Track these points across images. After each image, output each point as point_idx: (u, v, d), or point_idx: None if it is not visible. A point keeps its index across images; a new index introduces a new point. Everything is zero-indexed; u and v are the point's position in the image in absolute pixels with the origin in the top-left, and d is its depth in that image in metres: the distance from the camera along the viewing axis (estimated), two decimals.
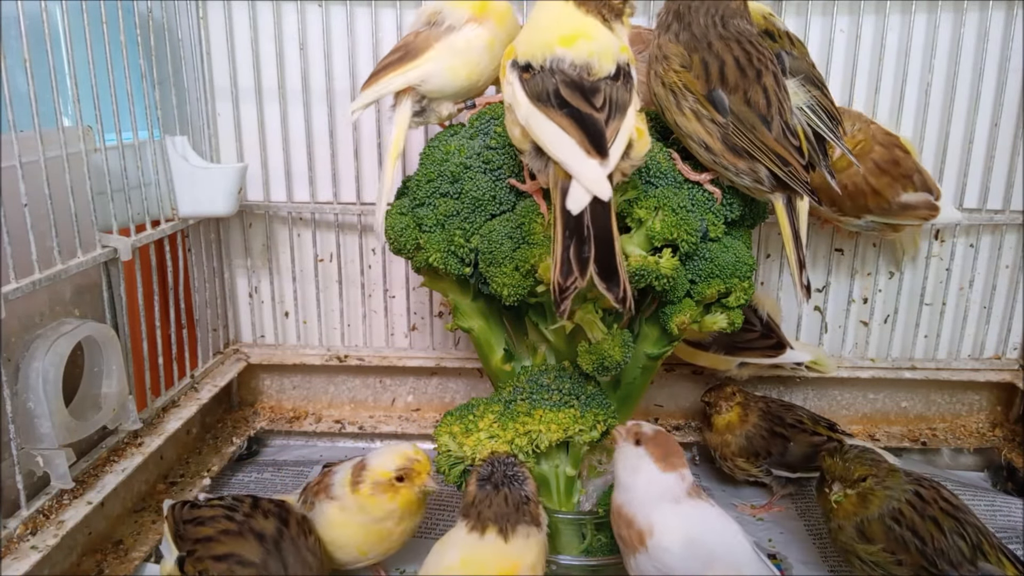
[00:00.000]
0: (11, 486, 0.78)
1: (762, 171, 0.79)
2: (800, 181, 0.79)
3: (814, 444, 1.00)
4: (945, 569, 0.76)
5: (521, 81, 0.70)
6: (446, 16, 0.84)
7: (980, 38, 1.09)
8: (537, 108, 0.68)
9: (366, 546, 0.82)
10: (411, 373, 1.27)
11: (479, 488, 0.73)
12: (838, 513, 0.80)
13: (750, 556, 0.72)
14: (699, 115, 0.78)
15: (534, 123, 0.68)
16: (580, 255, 0.64)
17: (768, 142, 0.77)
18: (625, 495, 0.75)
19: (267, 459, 1.17)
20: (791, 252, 0.82)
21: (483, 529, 0.70)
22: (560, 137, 0.67)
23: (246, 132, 1.17)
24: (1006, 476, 1.12)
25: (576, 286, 0.64)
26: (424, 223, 0.84)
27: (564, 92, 0.68)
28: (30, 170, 0.79)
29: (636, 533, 0.72)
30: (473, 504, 0.72)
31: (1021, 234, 1.17)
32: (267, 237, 1.22)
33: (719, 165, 0.80)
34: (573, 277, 0.64)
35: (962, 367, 1.21)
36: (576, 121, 0.67)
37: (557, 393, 0.81)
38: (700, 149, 0.80)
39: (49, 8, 0.81)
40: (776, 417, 1.02)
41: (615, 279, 0.65)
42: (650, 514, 0.72)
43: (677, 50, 0.79)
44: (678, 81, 0.78)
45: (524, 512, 0.72)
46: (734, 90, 0.77)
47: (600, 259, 0.64)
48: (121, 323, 0.96)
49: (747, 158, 0.78)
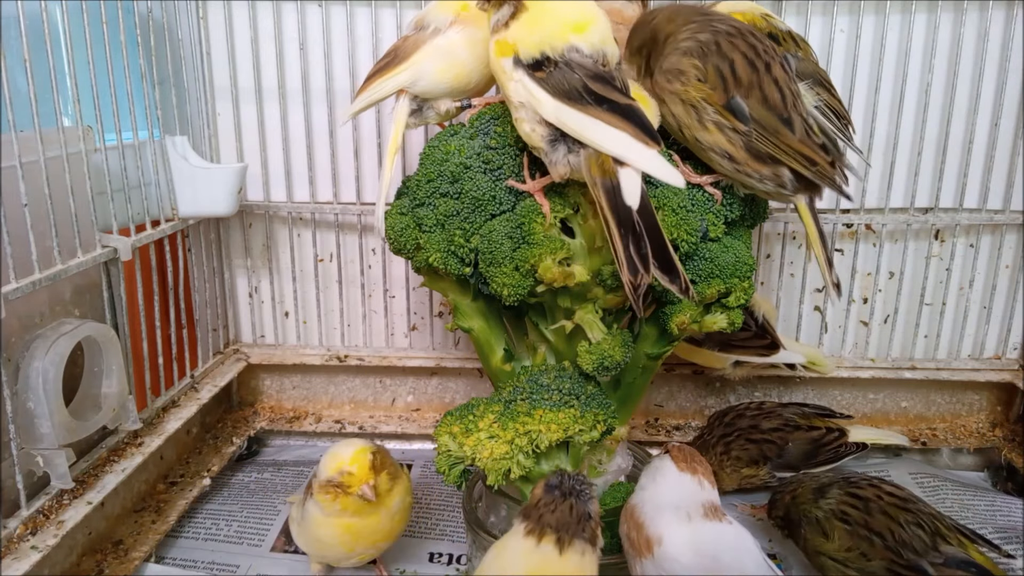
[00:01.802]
0: (11, 486, 0.78)
1: (785, 175, 0.78)
2: (828, 178, 0.78)
3: (813, 440, 1.01)
4: (912, 559, 0.77)
5: (536, 80, 0.69)
6: (431, 20, 0.85)
7: (980, 38, 1.09)
8: (570, 106, 0.68)
9: (346, 543, 0.82)
10: (411, 373, 1.27)
11: (546, 492, 0.70)
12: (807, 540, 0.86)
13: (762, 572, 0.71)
14: (721, 126, 0.77)
15: (572, 122, 0.68)
16: (640, 251, 0.65)
17: (793, 144, 0.77)
18: (640, 494, 0.75)
19: (267, 459, 1.17)
20: (820, 252, 0.82)
21: (540, 535, 0.67)
22: (610, 132, 0.66)
23: (246, 132, 1.17)
24: (1006, 476, 1.12)
25: (644, 283, 0.64)
26: (424, 223, 0.84)
27: (594, 87, 0.68)
28: (30, 170, 0.79)
29: (644, 539, 0.71)
30: (536, 506, 0.69)
31: (1021, 234, 1.17)
32: (267, 237, 1.22)
33: (742, 173, 0.78)
34: (640, 275, 0.64)
35: (962, 367, 1.21)
36: (621, 114, 0.67)
37: (557, 393, 0.81)
38: (723, 160, 0.78)
39: (49, 8, 0.81)
40: (753, 427, 1.04)
41: (675, 271, 0.65)
42: (660, 524, 0.71)
43: (690, 63, 0.77)
44: (697, 96, 0.77)
45: (584, 527, 0.69)
46: (749, 90, 0.76)
47: (657, 254, 0.65)
48: (121, 323, 0.96)
49: (771, 163, 0.78)
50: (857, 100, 1.12)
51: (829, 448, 1.03)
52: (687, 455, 0.75)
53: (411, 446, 1.21)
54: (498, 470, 0.78)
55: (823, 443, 1.03)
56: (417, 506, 1.03)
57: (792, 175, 0.78)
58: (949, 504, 1.03)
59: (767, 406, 1.08)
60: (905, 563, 0.77)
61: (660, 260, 0.66)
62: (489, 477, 0.78)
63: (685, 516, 0.71)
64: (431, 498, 1.05)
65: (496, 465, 0.77)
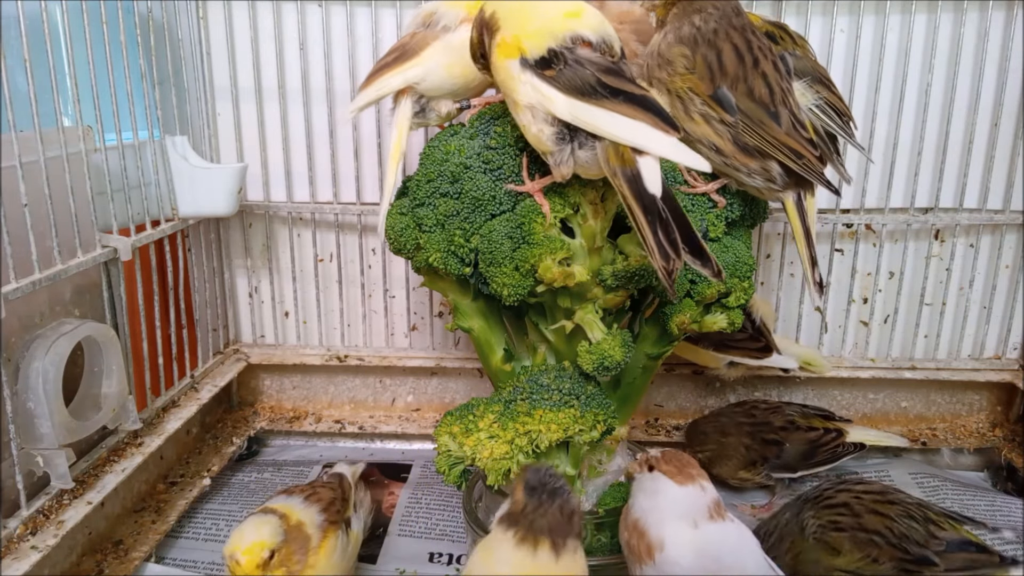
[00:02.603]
0: (11, 486, 0.78)
1: (774, 168, 0.78)
2: (815, 173, 0.78)
3: (810, 440, 1.01)
4: (916, 552, 0.76)
5: (545, 79, 0.69)
6: (441, 17, 0.85)
7: (980, 38, 1.09)
8: (585, 101, 0.68)
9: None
10: (411, 373, 1.27)
11: (530, 495, 0.66)
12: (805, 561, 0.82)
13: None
14: (708, 118, 0.77)
15: (588, 117, 0.67)
16: (669, 237, 0.65)
17: (779, 136, 0.76)
18: (641, 512, 0.73)
19: (267, 459, 1.17)
20: (803, 250, 0.82)
21: (535, 543, 0.64)
22: (629, 124, 0.66)
23: (246, 132, 1.17)
24: (1006, 476, 1.12)
25: (677, 268, 0.64)
26: (424, 223, 0.84)
27: (607, 80, 0.68)
28: (30, 170, 0.79)
29: (646, 546, 0.70)
30: (523, 512, 0.65)
31: (1021, 234, 1.17)
32: (267, 237, 1.22)
33: (730, 167, 0.79)
34: (672, 260, 0.64)
35: (962, 367, 1.21)
36: (638, 104, 0.67)
37: (557, 393, 0.81)
38: (711, 153, 0.79)
39: (49, 8, 0.81)
40: (764, 424, 1.03)
41: (705, 255, 0.65)
42: (663, 529, 0.70)
43: (680, 51, 0.77)
44: (683, 86, 0.77)
45: (575, 525, 0.67)
46: (735, 82, 0.76)
47: (686, 238, 0.65)
48: (121, 323, 0.96)
49: (759, 156, 0.77)
50: (857, 100, 1.12)
51: (827, 448, 1.03)
52: (678, 465, 0.73)
53: (411, 446, 1.21)
54: (498, 470, 0.77)
55: (821, 444, 1.02)
56: (417, 506, 1.03)
57: (781, 169, 0.78)
58: (949, 504, 1.03)
59: (772, 402, 1.08)
60: (912, 557, 0.76)
61: (689, 244, 0.65)
62: (489, 477, 0.78)
63: (692, 523, 0.70)
64: (431, 498, 1.05)
65: (496, 465, 0.77)
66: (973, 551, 0.76)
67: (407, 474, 1.12)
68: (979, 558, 0.76)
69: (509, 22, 0.72)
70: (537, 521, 0.65)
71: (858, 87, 1.12)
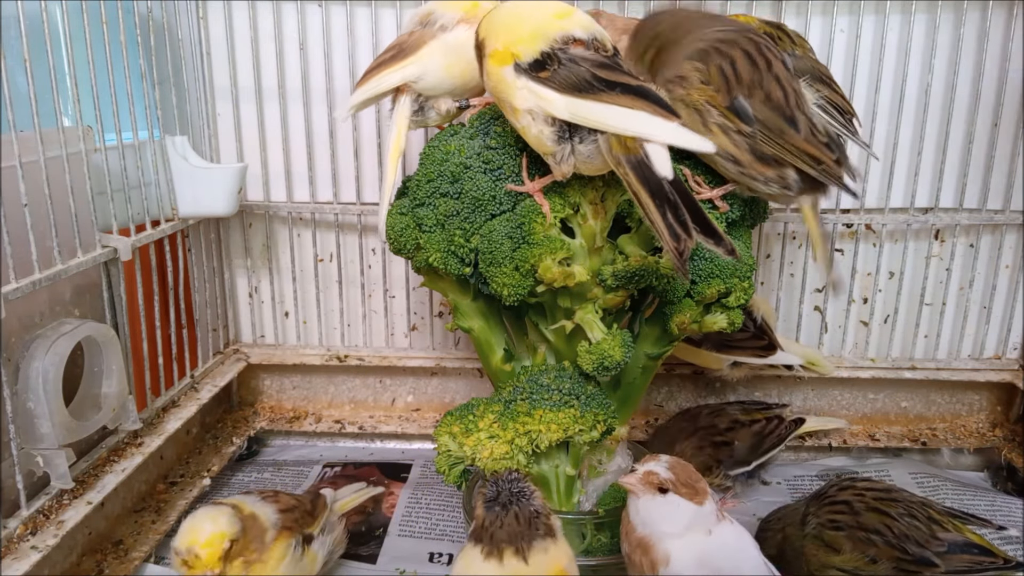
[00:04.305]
0: (11, 486, 0.78)
1: (790, 176, 0.77)
2: (835, 177, 0.78)
3: (756, 433, 1.04)
4: (916, 552, 0.76)
5: (540, 81, 0.69)
6: (438, 16, 0.85)
7: (980, 38, 1.09)
8: (582, 98, 0.68)
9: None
10: (411, 373, 1.27)
11: (487, 510, 0.69)
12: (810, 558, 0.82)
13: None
14: (725, 129, 0.76)
15: (587, 112, 0.67)
16: (679, 218, 0.65)
17: (798, 143, 0.76)
18: (649, 531, 0.71)
19: (267, 459, 1.17)
20: (823, 252, 0.82)
21: (500, 554, 0.67)
22: (629, 114, 0.67)
23: (246, 132, 1.17)
24: (1006, 476, 1.12)
25: (688, 247, 0.64)
26: (424, 223, 0.84)
27: (602, 74, 0.68)
28: (30, 170, 0.79)
29: (650, 561, 0.70)
30: (484, 527, 0.68)
31: (1021, 234, 1.17)
32: (267, 237, 1.22)
33: (746, 176, 0.78)
34: (683, 239, 0.64)
35: (962, 367, 1.21)
36: (636, 94, 0.67)
37: (557, 393, 0.81)
38: (727, 163, 0.78)
39: (49, 8, 0.81)
40: (710, 428, 1.05)
41: (717, 234, 0.65)
42: (671, 543, 0.70)
43: (692, 66, 0.77)
44: (700, 99, 0.76)
45: (537, 527, 0.68)
46: (751, 88, 0.75)
47: (696, 219, 0.65)
48: (121, 323, 0.96)
49: (775, 166, 0.77)
50: (857, 100, 1.12)
51: (772, 435, 1.05)
52: (690, 483, 0.71)
53: (411, 446, 1.21)
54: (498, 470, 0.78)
55: (765, 433, 1.05)
56: (417, 506, 1.03)
57: (797, 176, 0.78)
58: (949, 504, 1.02)
59: (712, 405, 1.10)
60: (911, 557, 0.76)
61: (700, 224, 0.65)
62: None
63: (705, 532, 0.70)
64: (431, 498, 1.05)
65: (496, 465, 0.77)
66: (976, 553, 0.76)
67: (407, 474, 1.12)
68: (982, 560, 0.76)
69: (500, 34, 0.73)
70: (496, 534, 0.68)
71: (858, 87, 1.12)
